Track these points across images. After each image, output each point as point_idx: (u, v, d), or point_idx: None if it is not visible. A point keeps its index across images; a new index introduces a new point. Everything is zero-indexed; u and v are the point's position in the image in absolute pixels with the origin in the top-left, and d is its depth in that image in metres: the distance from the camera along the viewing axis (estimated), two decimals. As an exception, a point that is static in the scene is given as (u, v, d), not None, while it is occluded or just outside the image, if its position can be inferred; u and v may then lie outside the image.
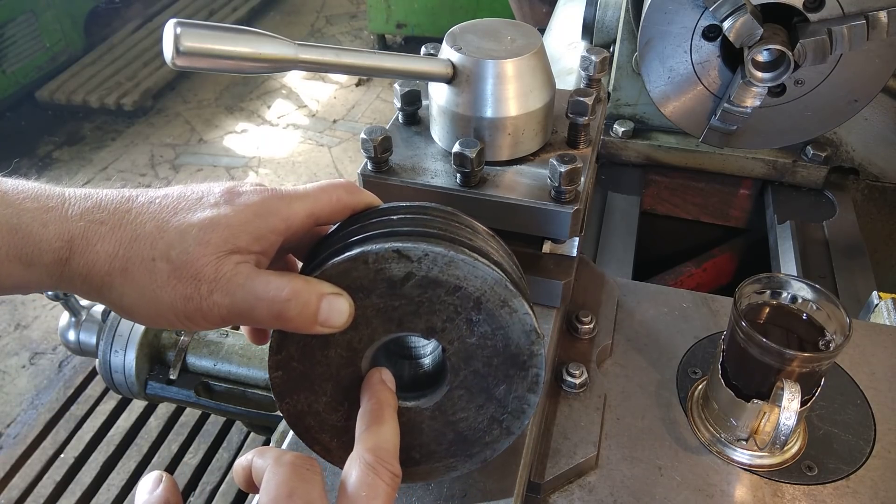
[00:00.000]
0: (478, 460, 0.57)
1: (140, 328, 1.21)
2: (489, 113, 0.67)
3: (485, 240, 0.53)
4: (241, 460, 0.51)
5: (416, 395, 0.55)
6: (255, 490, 0.50)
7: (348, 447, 0.54)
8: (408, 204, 0.53)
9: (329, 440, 0.56)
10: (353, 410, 0.53)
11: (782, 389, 0.64)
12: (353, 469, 0.47)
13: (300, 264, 0.59)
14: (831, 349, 0.66)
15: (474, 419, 0.54)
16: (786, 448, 0.73)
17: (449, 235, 0.49)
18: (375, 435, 0.49)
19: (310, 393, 0.53)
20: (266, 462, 0.47)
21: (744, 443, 0.72)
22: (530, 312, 0.50)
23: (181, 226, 0.46)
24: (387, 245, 0.47)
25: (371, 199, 0.55)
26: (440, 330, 0.50)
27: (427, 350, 0.59)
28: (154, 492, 0.49)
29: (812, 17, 0.86)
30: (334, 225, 0.55)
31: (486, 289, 0.48)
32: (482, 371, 0.52)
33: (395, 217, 0.51)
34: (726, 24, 0.86)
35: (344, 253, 0.48)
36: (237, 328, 1.30)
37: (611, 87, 1.30)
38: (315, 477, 0.46)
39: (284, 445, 0.68)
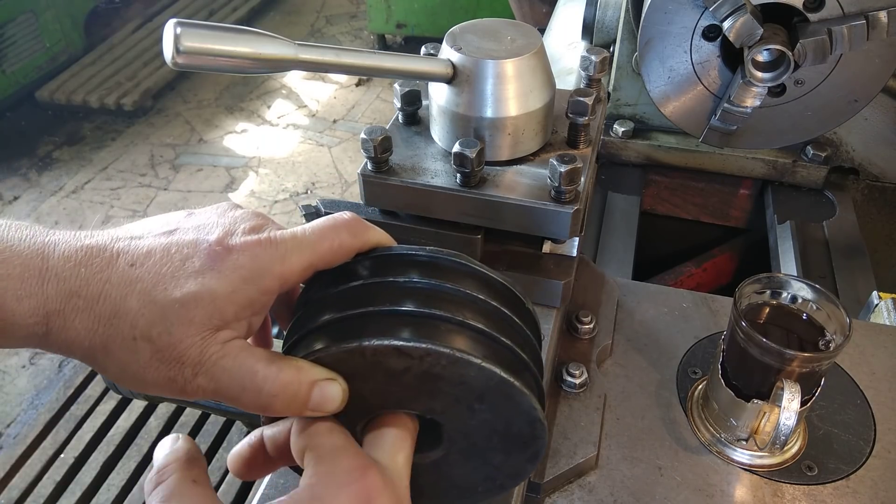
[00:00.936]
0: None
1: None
2: (489, 113, 0.67)
3: (499, 313, 0.50)
4: (246, 441, 0.51)
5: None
6: (261, 472, 0.51)
7: None
8: (417, 260, 0.50)
9: None
10: None
11: (782, 389, 0.64)
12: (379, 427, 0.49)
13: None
14: (831, 349, 0.66)
15: (469, 476, 0.54)
16: (786, 448, 0.73)
17: (457, 319, 0.46)
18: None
19: None
20: (286, 424, 0.48)
21: (744, 443, 0.72)
22: (537, 406, 0.48)
23: (163, 301, 0.43)
24: (385, 342, 0.44)
25: (377, 239, 0.52)
26: (439, 412, 0.49)
27: None
28: (174, 445, 0.48)
29: (812, 17, 0.86)
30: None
31: (491, 385, 0.46)
32: (480, 444, 0.51)
33: (400, 280, 0.48)
34: (726, 24, 0.86)
35: (340, 340, 0.46)
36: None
37: (611, 87, 1.30)
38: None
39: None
